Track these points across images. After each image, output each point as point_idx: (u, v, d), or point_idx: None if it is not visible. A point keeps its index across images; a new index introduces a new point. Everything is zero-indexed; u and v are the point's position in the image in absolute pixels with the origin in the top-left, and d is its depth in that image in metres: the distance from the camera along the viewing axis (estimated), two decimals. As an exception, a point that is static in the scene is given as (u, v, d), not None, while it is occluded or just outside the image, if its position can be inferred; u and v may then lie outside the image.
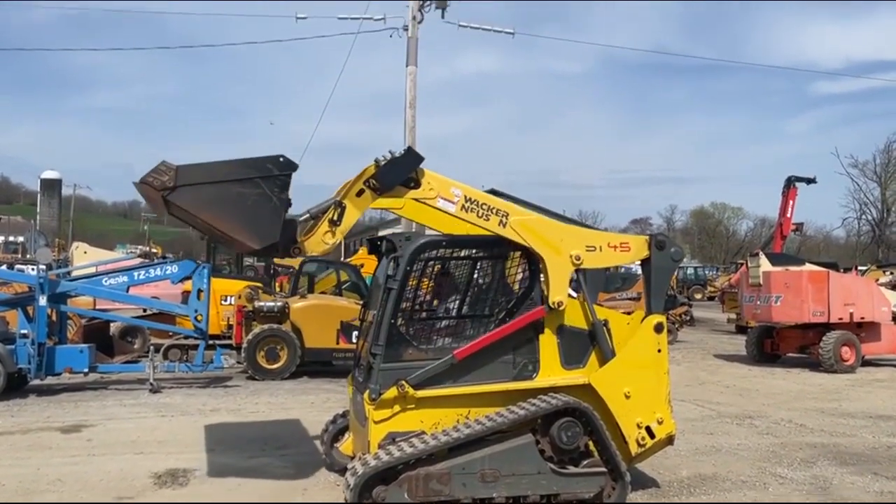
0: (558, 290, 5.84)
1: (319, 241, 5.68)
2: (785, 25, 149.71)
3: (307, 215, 5.74)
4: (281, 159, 5.38)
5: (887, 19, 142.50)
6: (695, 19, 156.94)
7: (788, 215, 25.46)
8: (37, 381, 11.42)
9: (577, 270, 6.00)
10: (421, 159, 5.75)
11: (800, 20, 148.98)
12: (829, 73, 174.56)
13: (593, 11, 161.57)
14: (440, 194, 5.79)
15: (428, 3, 21.08)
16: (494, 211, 5.86)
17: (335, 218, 5.64)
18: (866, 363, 15.74)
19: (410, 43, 20.76)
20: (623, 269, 26.61)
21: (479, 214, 5.83)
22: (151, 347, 12.47)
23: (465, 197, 5.81)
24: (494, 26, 22.92)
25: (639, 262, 6.55)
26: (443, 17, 21.35)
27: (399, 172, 5.68)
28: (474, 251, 6.41)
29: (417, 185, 5.75)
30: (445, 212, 5.82)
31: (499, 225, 5.85)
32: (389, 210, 5.93)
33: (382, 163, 5.62)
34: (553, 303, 5.80)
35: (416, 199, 5.79)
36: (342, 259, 41.00)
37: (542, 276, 5.94)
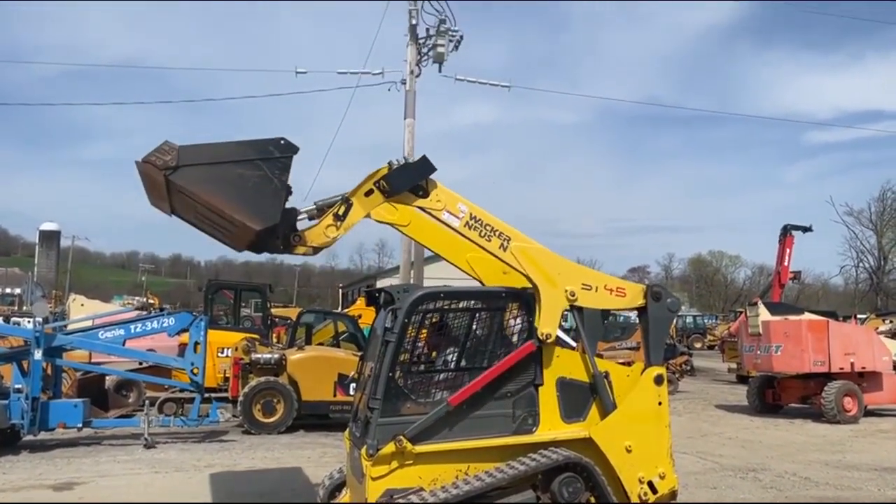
0: (549, 322, 5.78)
1: (321, 234, 5.68)
2: (776, 77, 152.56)
3: (314, 208, 5.75)
4: (282, 142, 5.38)
5: (875, 70, 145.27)
6: (687, 72, 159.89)
7: (786, 263, 25.47)
8: (30, 437, 11.24)
9: (574, 309, 5.97)
10: (433, 169, 5.78)
11: (790, 71, 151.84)
12: (820, 123, 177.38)
13: (588, 64, 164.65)
14: (446, 207, 5.81)
15: (425, 58, 21.50)
16: (497, 233, 5.87)
17: (341, 213, 5.67)
18: (869, 413, 15.57)
19: (408, 96, 21.09)
20: (622, 318, 26.57)
21: (482, 234, 5.84)
22: (147, 401, 12.33)
23: (471, 214, 5.84)
24: (490, 80, 23.36)
25: (635, 312, 6.54)
26: (440, 71, 21.77)
27: (410, 177, 5.71)
28: (472, 303, 6.39)
29: (426, 194, 5.77)
30: (449, 226, 5.83)
31: (499, 248, 5.86)
32: (394, 226, 5.93)
33: (395, 166, 5.67)
34: (542, 334, 5.74)
35: (422, 209, 5.81)
36: (340, 308, 40.94)
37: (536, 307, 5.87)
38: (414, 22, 20.86)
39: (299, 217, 5.75)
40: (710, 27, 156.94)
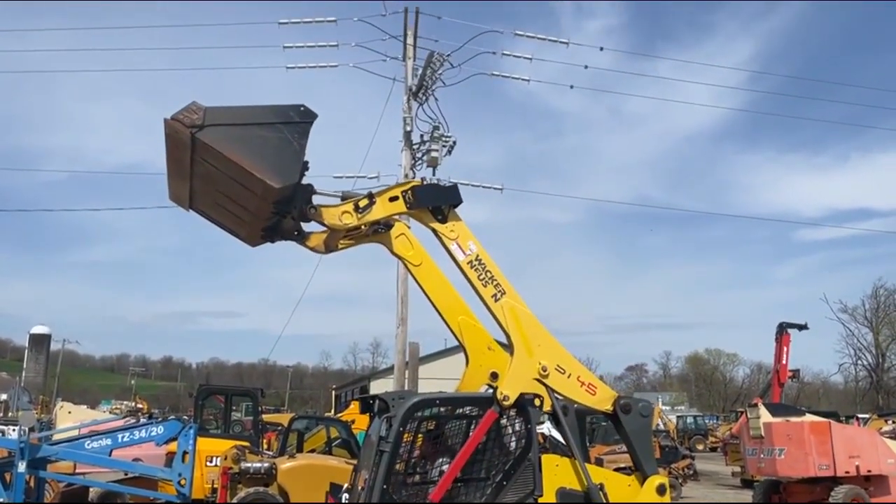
0: (512, 385, 5.73)
1: (337, 215, 5.74)
2: (763, 177, 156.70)
3: (340, 194, 5.88)
4: (301, 108, 5.51)
5: (861, 171, 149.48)
6: (676, 174, 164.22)
7: (784, 362, 25.27)
8: (6, 555, 10.73)
9: (543, 385, 5.85)
10: (460, 200, 5.96)
11: (777, 172, 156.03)
12: (810, 222, 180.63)
13: (580, 166, 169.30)
14: (458, 240, 5.92)
15: (420, 162, 22.05)
16: (495, 283, 5.93)
17: (361, 205, 5.76)
18: (879, 519, 15.07)
19: (403, 200, 21.50)
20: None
21: (481, 277, 5.90)
22: (131, 515, 11.86)
23: (477, 255, 5.93)
24: (483, 182, 23.89)
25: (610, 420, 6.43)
26: (434, 174, 22.26)
27: (436, 197, 5.89)
28: (468, 409, 6.27)
29: (444, 220, 5.90)
30: (453, 258, 5.92)
31: (492, 297, 5.91)
32: (406, 262, 6.02)
33: (426, 183, 5.77)
34: (501, 394, 5.66)
35: (435, 233, 5.90)
36: (333, 411, 40.14)
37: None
38: (409, 128, 21.53)
39: (322, 198, 5.87)
40: (696, 132, 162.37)
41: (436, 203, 5.92)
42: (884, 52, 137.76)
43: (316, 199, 5.89)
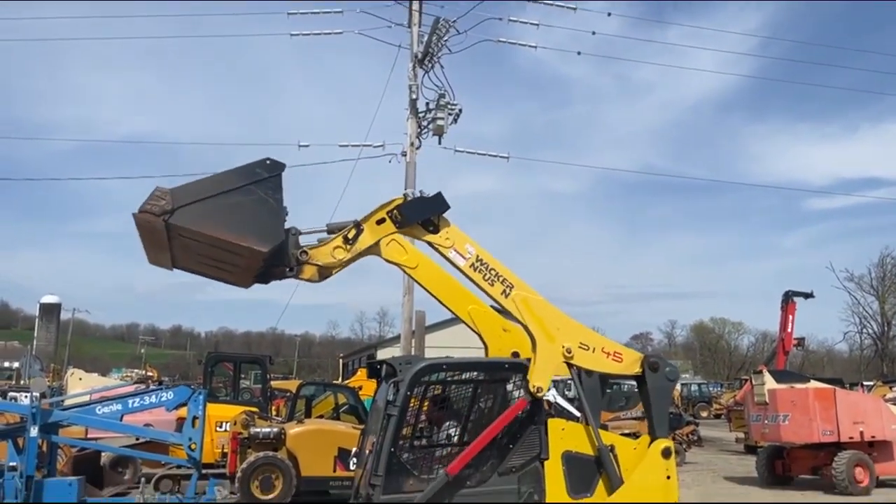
0: (541, 376, 5.73)
1: (328, 253, 5.70)
2: (771, 146, 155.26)
3: (325, 229, 5.80)
4: (268, 161, 5.43)
5: (870, 141, 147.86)
6: (683, 143, 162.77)
7: (789, 330, 25.35)
8: (21, 517, 10.95)
9: (570, 368, 5.90)
10: (447, 207, 5.85)
11: (785, 141, 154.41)
12: (818, 191, 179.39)
13: (587, 135, 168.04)
14: (454, 246, 5.86)
15: (425, 130, 21.92)
16: (501, 279, 5.88)
17: (350, 237, 5.70)
18: (881, 483, 15.21)
19: (409, 168, 21.41)
20: (626, 387, 26.25)
21: (486, 277, 5.86)
22: (142, 478, 12.07)
23: (477, 257, 5.87)
24: (489, 151, 23.75)
25: (635, 383, 6.47)
26: (440, 143, 22.14)
27: (423, 211, 5.79)
28: (475, 374, 6.33)
29: (436, 230, 5.84)
30: (454, 264, 5.87)
31: (501, 293, 5.87)
32: (402, 267, 5.93)
33: (410, 198, 5.71)
34: (534, 387, 5.68)
35: (430, 244, 5.84)
36: (340, 379, 40.50)
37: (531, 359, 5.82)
38: (414, 96, 21.35)
39: (308, 236, 5.80)
40: (703, 101, 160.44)
41: (424, 216, 5.83)
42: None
43: (304, 239, 5.80)
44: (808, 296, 25.69)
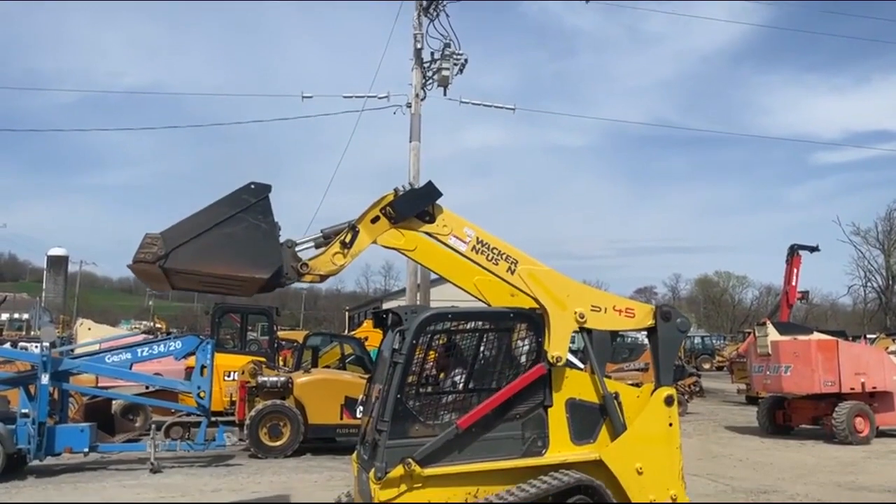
0: (558, 345, 5.77)
1: (328, 261, 5.70)
2: (781, 98, 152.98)
3: (320, 235, 5.78)
4: (252, 186, 5.43)
5: (882, 92, 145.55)
6: (692, 95, 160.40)
7: (794, 283, 25.34)
8: (36, 462, 11.19)
9: (583, 330, 5.95)
10: (439, 195, 5.81)
11: (795, 93, 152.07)
12: (828, 143, 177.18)
13: (595, 87, 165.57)
14: (453, 232, 5.83)
15: (430, 81, 21.64)
16: (504, 256, 5.87)
17: (347, 240, 5.69)
18: (881, 434, 15.40)
19: (413, 119, 21.20)
20: (630, 339, 26.44)
21: (489, 258, 5.85)
22: (153, 426, 12.28)
23: (477, 238, 5.85)
24: (496, 101, 23.46)
25: (644, 333, 6.52)
26: (445, 94, 21.88)
27: (416, 204, 5.75)
28: (480, 324, 6.37)
29: (432, 219, 5.80)
30: (456, 250, 5.85)
31: (507, 271, 5.86)
32: (401, 251, 5.93)
33: (401, 192, 5.68)
34: (552, 357, 5.72)
35: (429, 234, 5.83)
36: (346, 331, 40.86)
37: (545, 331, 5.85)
38: (419, 46, 21.01)
39: (305, 245, 5.77)
40: (713, 51, 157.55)
41: (417, 209, 5.77)
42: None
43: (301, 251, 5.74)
44: (813, 249, 25.61)
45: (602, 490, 5.51)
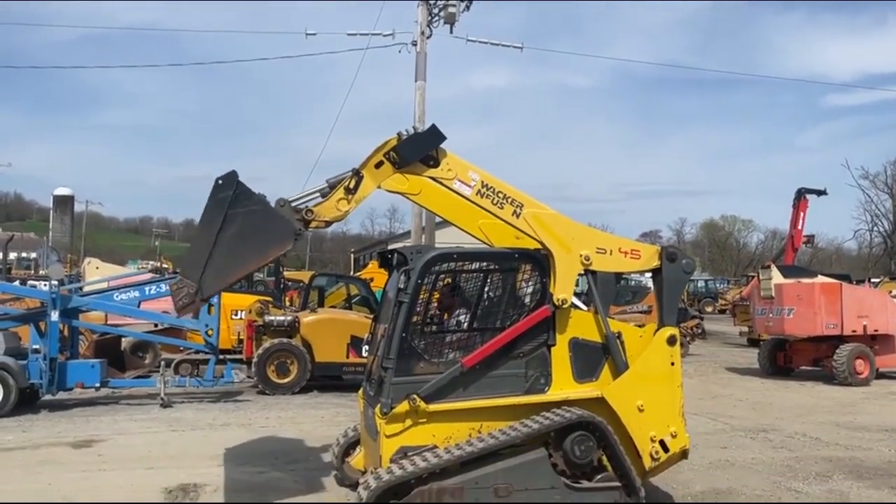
0: (564, 287, 5.80)
1: (333, 207, 5.74)
2: (796, 38, 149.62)
3: (325, 186, 5.81)
4: (220, 182, 5.51)
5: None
6: (705, 33, 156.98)
7: (799, 227, 25.24)
8: (48, 397, 11.45)
9: (588, 272, 5.97)
10: (443, 138, 5.77)
11: (811, 33, 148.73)
12: (840, 85, 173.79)
13: (604, 27, 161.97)
14: (458, 176, 5.81)
15: (436, 19, 21.20)
16: (510, 200, 5.86)
17: (351, 186, 5.72)
18: (881, 376, 15.58)
19: (419, 58, 20.86)
20: (633, 282, 26.55)
21: (494, 202, 5.84)
22: (162, 362, 12.49)
23: (482, 182, 5.83)
24: (503, 41, 23.02)
25: (650, 275, 6.54)
26: (451, 32, 21.46)
27: (420, 148, 5.72)
28: (485, 264, 6.41)
29: (437, 164, 5.78)
30: (460, 194, 5.84)
31: (512, 215, 5.86)
32: (405, 195, 5.94)
33: (405, 137, 5.66)
34: (557, 300, 5.75)
35: (433, 179, 5.81)
36: (352, 273, 41.12)
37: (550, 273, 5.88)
38: (425, -20, 20.53)
39: (308, 198, 5.79)
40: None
41: (421, 153, 5.70)
42: None
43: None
44: (821, 193, 25.41)
45: (603, 426, 5.61)
